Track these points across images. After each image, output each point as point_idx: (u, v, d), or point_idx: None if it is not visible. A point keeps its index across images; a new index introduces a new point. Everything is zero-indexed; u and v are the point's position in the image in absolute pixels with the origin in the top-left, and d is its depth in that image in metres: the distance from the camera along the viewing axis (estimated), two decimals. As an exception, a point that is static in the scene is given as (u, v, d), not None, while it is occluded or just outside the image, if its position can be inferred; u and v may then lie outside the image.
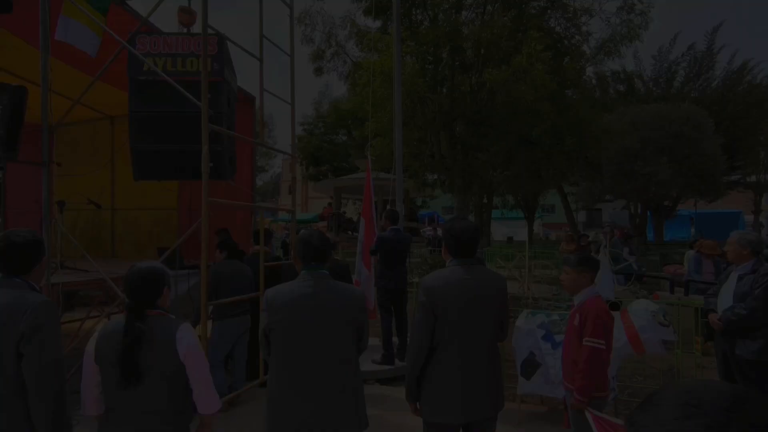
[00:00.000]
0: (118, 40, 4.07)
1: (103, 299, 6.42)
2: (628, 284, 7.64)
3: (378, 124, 8.02)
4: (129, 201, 8.01)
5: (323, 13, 10.26)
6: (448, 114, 9.07)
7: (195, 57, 4.13)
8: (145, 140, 4.07)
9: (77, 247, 4.68)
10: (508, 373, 4.72)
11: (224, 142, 4.18)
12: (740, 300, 3.35)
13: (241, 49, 4.41)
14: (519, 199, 24.76)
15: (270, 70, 5.50)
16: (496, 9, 8.06)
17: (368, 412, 2.14)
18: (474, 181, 9.88)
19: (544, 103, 7.27)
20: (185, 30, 4.43)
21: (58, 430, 1.91)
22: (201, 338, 3.46)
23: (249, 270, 4.57)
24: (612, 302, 3.66)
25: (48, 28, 4.05)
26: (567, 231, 16.13)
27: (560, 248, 12.32)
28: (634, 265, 8.22)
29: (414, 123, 8.31)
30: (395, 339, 5.42)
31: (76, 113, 6.17)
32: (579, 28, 9.44)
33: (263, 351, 2.10)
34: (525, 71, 6.93)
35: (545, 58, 6.95)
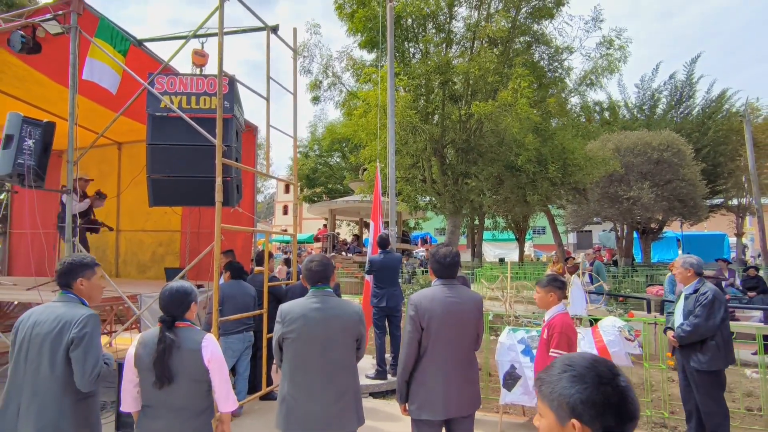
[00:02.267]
0: (140, 81, 4.50)
1: (112, 317, 6.73)
2: (599, 304, 8.06)
3: (372, 152, 8.49)
4: (134, 223, 8.37)
5: (320, 45, 10.85)
6: (439, 142, 9.59)
7: (207, 96, 4.58)
8: (160, 170, 4.47)
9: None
10: (493, 386, 5.08)
11: (233, 172, 4.58)
12: (687, 317, 3.76)
13: (250, 90, 4.86)
14: (509, 222, 25.29)
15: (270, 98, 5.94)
16: (483, 45, 8.66)
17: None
18: (464, 205, 10.34)
19: (528, 134, 7.80)
20: (198, 70, 4.88)
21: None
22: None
23: (252, 290, 4.92)
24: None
25: (77, 69, 4.48)
26: (555, 253, 16.59)
27: (547, 269, 12.79)
28: (605, 285, 8.65)
29: (406, 151, 8.79)
30: (388, 356, 5.76)
31: (88, 140, 6.59)
32: (561, 63, 10.08)
33: (276, 357, 2.47)
34: (510, 105, 7.47)
35: (529, 94, 7.50)
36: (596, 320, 4.21)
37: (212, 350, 2.30)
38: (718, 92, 22.99)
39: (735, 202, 23.42)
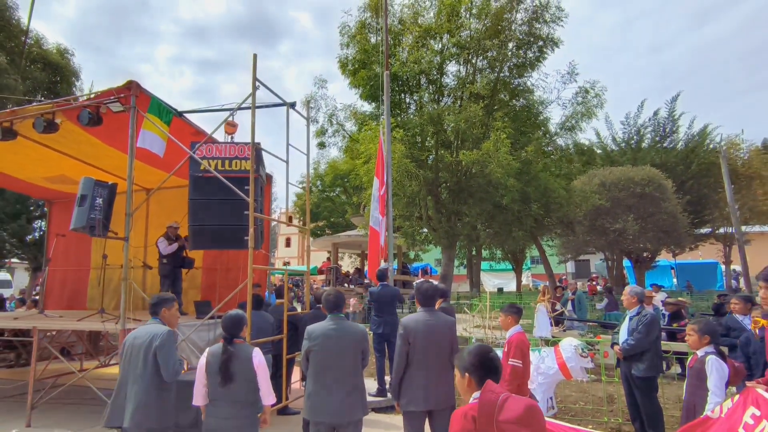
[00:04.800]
0: (184, 149, 5.57)
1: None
2: (566, 329, 8.98)
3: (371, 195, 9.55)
4: (154, 260, 9.33)
5: (326, 97, 12.11)
6: (433, 183, 10.67)
7: (238, 159, 5.65)
8: (200, 221, 5.48)
9: (142, 299, 5.95)
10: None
11: (258, 221, 5.59)
12: (631, 335, 4.68)
13: (271, 155, 5.94)
14: (506, 252, 26.19)
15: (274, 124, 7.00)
16: (469, 100, 9.83)
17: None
18: (457, 239, 11.31)
19: (510, 179, 8.85)
20: (230, 137, 5.97)
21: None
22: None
23: (270, 318, 5.84)
24: None
25: (134, 140, 5.56)
26: (547, 283, 17.46)
27: (537, 298, 13.65)
28: (566, 313, 9.56)
29: (402, 193, 9.84)
30: (387, 378, 6.61)
31: (122, 187, 7.68)
32: (541, 112, 11.27)
33: (303, 365, 3.40)
34: (492, 154, 8.55)
35: (507, 144, 8.59)
36: (558, 341, 5.11)
37: (259, 359, 3.24)
38: (699, 128, 24.43)
39: (722, 231, 24.38)
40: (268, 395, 3.25)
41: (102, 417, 5.35)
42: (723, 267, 27.93)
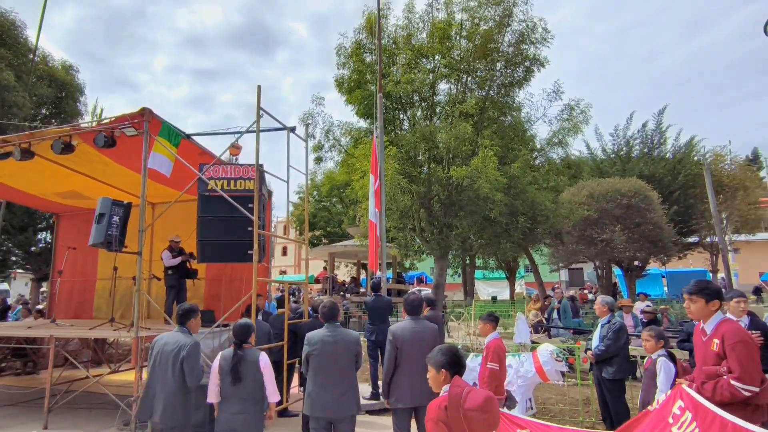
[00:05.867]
0: (194, 172, 6.05)
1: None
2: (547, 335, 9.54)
3: (367, 209, 10.03)
4: (161, 272, 9.75)
5: (323, 114, 12.62)
6: (425, 197, 11.18)
7: (242, 179, 6.13)
8: (207, 236, 5.94)
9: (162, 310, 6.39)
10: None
11: (260, 237, 6.06)
12: (602, 341, 5.16)
13: (273, 176, 6.43)
14: (499, 262, 26.67)
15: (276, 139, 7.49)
16: (459, 119, 10.38)
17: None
18: (449, 250, 11.78)
19: (497, 193, 9.37)
20: (234, 159, 6.46)
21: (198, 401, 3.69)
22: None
23: (267, 326, 6.26)
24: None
25: (146, 161, 6.03)
26: (537, 292, 17.99)
27: (527, 306, 14.15)
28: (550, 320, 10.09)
29: (396, 207, 10.33)
30: (380, 383, 7.05)
31: (129, 200, 8.11)
32: (524, 134, 11.83)
33: (304, 367, 3.86)
34: (481, 170, 9.06)
35: (494, 162, 9.13)
36: (536, 347, 5.58)
37: (265, 361, 3.70)
38: (686, 139, 25.19)
39: (709, 240, 25.00)
40: (273, 393, 3.71)
41: (116, 419, 5.79)
42: (711, 275, 28.54)
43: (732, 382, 2.70)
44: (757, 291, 22.91)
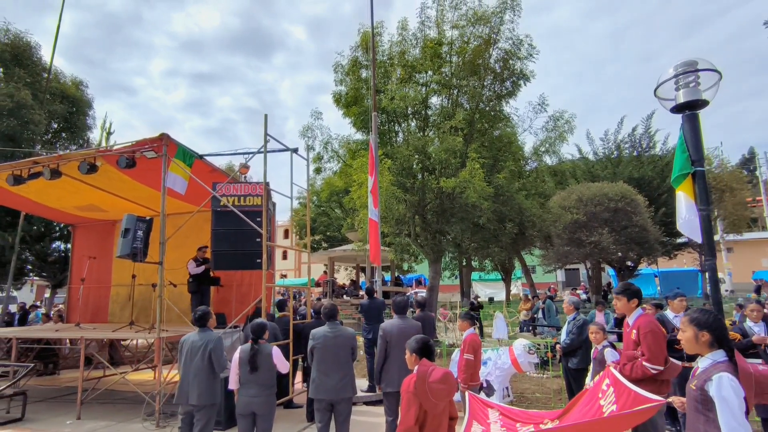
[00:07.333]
0: (208, 190, 6.81)
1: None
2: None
3: (364, 217, 10.79)
4: (174, 279, 10.49)
5: (321, 127, 13.38)
6: (419, 205, 11.94)
7: (251, 196, 6.90)
8: (221, 247, 6.70)
9: (178, 313, 7.16)
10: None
11: (268, 248, 6.82)
12: (568, 335, 5.91)
13: (278, 194, 7.17)
14: (495, 264, 27.41)
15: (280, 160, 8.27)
16: (449, 132, 11.14)
17: (357, 419, 4.59)
18: (442, 255, 12.52)
19: (485, 202, 10.12)
20: (242, 177, 7.22)
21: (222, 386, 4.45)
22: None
23: (276, 327, 7.01)
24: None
25: (165, 181, 6.78)
26: (528, 293, 18.74)
27: (519, 307, 14.92)
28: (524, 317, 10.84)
29: (391, 216, 11.08)
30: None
31: (145, 213, 8.85)
32: (511, 145, 12.58)
33: (309, 358, 4.61)
34: (468, 182, 9.82)
35: (481, 173, 9.89)
36: (512, 342, 6.34)
37: (277, 353, 4.46)
38: (674, 143, 25.97)
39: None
40: (283, 367, 4.47)
41: (141, 411, 6.52)
42: (702, 275, 29.31)
43: (644, 363, 3.45)
44: (758, 290, 23.62)
